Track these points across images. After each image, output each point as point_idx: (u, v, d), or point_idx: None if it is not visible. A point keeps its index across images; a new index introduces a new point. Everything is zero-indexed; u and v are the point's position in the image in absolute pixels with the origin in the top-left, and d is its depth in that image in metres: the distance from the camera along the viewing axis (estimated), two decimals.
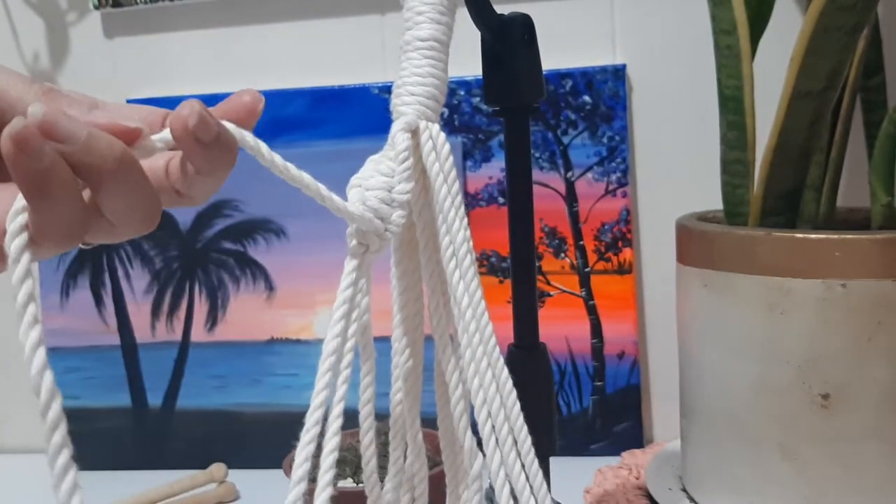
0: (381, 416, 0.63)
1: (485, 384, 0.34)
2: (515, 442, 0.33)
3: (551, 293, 0.77)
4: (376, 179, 0.33)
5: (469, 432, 0.36)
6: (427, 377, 0.38)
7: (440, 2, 0.35)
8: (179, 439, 0.81)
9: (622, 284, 0.77)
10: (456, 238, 0.34)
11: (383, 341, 0.37)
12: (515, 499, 0.33)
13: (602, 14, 0.77)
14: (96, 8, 0.83)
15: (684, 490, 0.61)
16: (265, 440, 0.79)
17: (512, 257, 0.52)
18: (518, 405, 0.34)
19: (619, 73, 0.76)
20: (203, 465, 0.75)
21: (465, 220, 0.35)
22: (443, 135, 0.35)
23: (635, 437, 0.77)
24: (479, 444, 0.35)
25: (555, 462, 0.53)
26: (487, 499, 0.39)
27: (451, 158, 0.35)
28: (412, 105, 0.34)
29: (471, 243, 0.35)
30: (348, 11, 0.81)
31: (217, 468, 0.74)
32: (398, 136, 0.34)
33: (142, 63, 0.84)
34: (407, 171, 0.33)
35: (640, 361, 0.77)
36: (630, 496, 0.65)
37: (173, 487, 0.71)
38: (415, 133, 0.34)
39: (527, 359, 0.52)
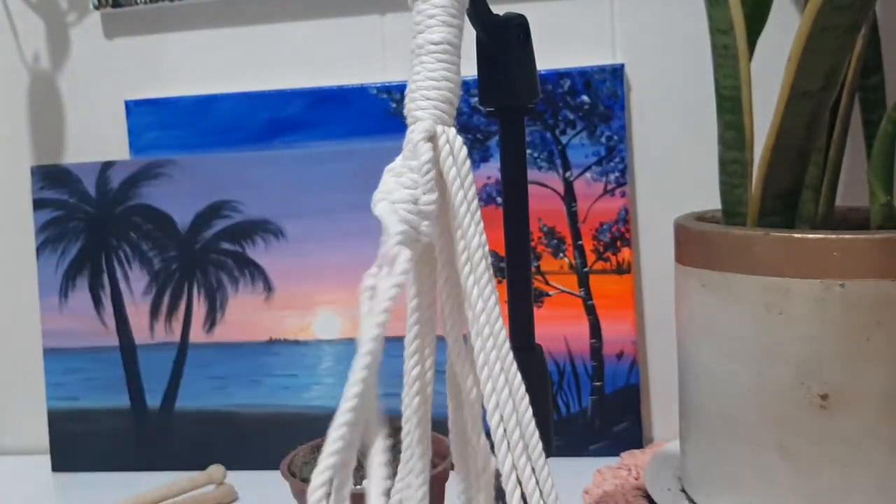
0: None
1: (497, 388, 0.34)
2: (527, 446, 0.33)
3: (550, 293, 0.77)
4: (401, 193, 0.33)
5: (483, 435, 0.36)
6: (435, 379, 0.38)
7: (451, 4, 0.34)
8: (178, 440, 0.81)
9: (621, 284, 0.77)
10: (471, 243, 0.34)
11: (395, 341, 0.37)
12: (525, 502, 0.33)
13: (601, 14, 0.77)
14: (96, 8, 0.83)
15: (683, 491, 0.61)
16: (264, 441, 0.79)
17: (507, 258, 0.52)
18: (530, 410, 0.34)
19: (617, 72, 0.76)
20: (202, 467, 0.75)
21: (481, 225, 0.34)
22: (459, 139, 0.34)
23: (634, 437, 0.77)
24: (490, 446, 0.35)
25: (554, 462, 0.53)
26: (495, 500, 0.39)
27: (467, 163, 0.34)
28: (428, 110, 0.34)
29: (486, 248, 0.34)
30: (348, 11, 0.81)
31: (216, 469, 0.74)
32: (420, 146, 0.33)
33: (142, 63, 0.84)
34: (430, 181, 0.33)
35: (639, 361, 0.77)
36: (629, 497, 0.65)
37: (172, 489, 0.71)
38: (432, 138, 0.34)
39: (522, 360, 0.52)
